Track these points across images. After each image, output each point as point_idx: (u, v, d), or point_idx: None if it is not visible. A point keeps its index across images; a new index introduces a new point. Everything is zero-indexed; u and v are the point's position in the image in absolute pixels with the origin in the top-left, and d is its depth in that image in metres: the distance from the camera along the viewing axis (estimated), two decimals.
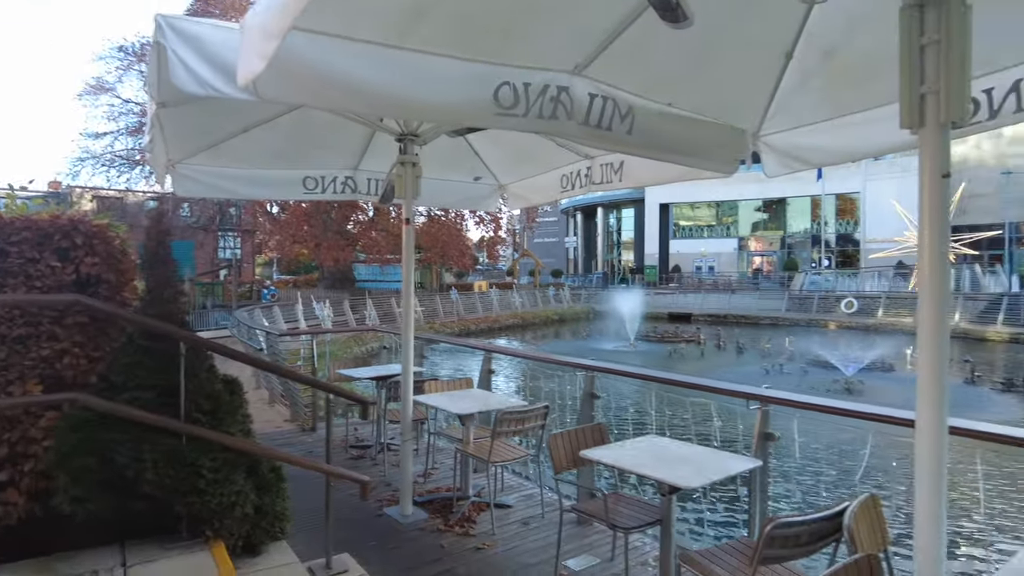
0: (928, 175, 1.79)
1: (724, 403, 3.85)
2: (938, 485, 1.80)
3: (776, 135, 3.43)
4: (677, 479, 2.76)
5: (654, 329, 27.72)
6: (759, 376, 16.31)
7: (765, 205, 49.23)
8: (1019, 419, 11.98)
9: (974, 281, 31.46)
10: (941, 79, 1.76)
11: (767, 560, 2.33)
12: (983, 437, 2.40)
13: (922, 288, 1.82)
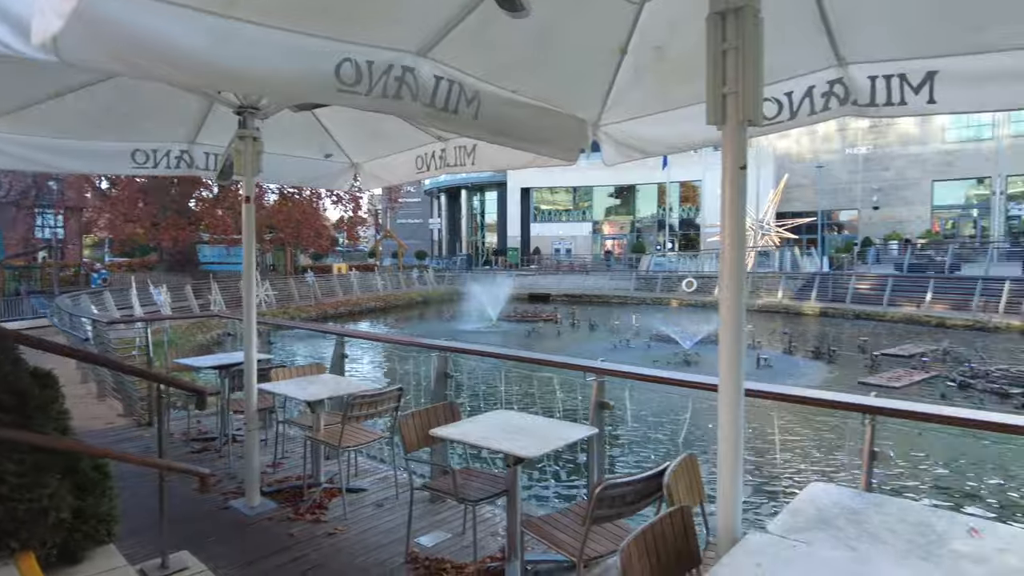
0: (729, 167, 2.01)
1: (566, 376, 4.08)
2: (737, 439, 2.05)
3: (614, 125, 3.64)
4: (520, 450, 2.90)
5: (515, 309, 28.46)
6: (608, 351, 17.34)
7: (617, 191, 51.99)
8: (822, 382, 13.76)
9: (793, 262, 35.38)
10: (739, 81, 1.98)
11: (598, 520, 2.53)
12: (773, 397, 2.77)
13: (723, 269, 2.04)
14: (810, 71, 2.89)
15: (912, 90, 2.63)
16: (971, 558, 1.92)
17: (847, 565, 1.86)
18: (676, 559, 2.06)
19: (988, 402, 11.70)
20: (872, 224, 43.65)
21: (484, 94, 2.92)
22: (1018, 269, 25.94)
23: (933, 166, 42.61)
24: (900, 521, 2.15)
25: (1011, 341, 19.42)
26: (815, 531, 2.09)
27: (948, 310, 23.49)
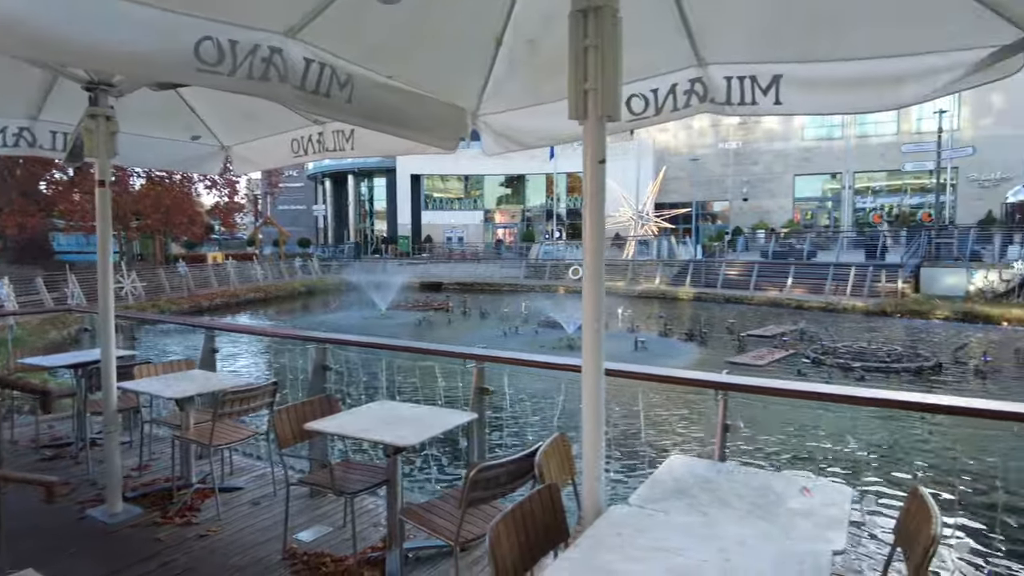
0: (589, 161, 2.11)
1: (447, 364, 4.12)
2: (598, 417, 2.17)
3: (493, 116, 3.68)
4: (398, 439, 2.90)
5: (406, 298, 28.13)
6: (498, 338, 17.60)
7: (508, 181, 52.58)
8: (695, 361, 14.73)
9: (670, 250, 37.40)
10: (599, 78, 2.07)
11: (474, 502, 2.59)
12: (634, 376, 2.95)
13: (585, 258, 2.14)
14: (674, 70, 3.05)
15: (761, 91, 2.84)
16: (802, 514, 2.16)
17: (698, 529, 2.03)
18: (545, 535, 2.16)
19: (835, 375, 13.02)
20: (742, 214, 46.94)
21: (357, 78, 2.86)
22: (862, 256, 28.89)
23: (795, 161, 46.39)
24: (746, 486, 2.37)
25: (855, 321, 21.66)
26: (672, 500, 2.26)
27: (806, 293, 25.78)
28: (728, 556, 1.82)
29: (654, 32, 2.92)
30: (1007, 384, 12.78)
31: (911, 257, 26.20)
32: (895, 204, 44.20)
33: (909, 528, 2.19)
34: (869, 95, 2.72)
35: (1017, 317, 19.54)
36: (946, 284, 23.23)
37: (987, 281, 22.16)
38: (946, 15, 2.35)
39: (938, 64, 2.48)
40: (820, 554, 1.84)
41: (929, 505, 2.07)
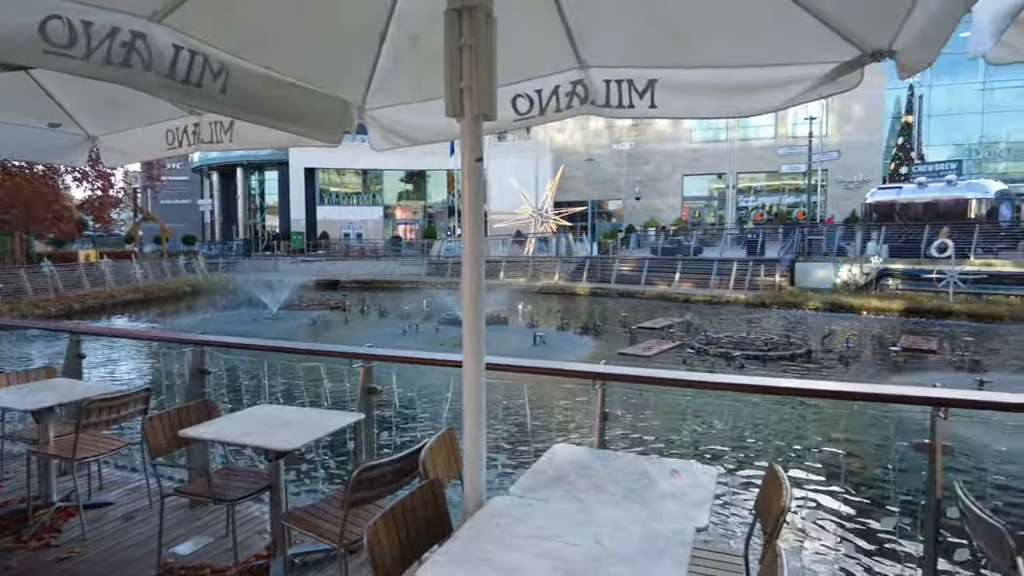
0: (466, 159, 2.13)
1: (333, 365, 4.03)
2: (479, 410, 2.20)
3: (379, 110, 3.61)
4: (280, 443, 2.81)
5: (300, 297, 27.13)
6: (397, 336, 17.37)
7: (408, 176, 51.90)
8: (590, 354, 15.21)
9: (568, 247, 38.34)
10: (474, 77, 2.10)
11: (358, 503, 2.55)
12: (515, 369, 3.02)
13: (464, 254, 2.17)
14: (556, 72, 3.13)
15: (638, 95, 2.97)
16: (671, 495, 2.29)
17: (573, 515, 2.11)
18: (428, 530, 2.17)
19: (717, 364, 13.87)
20: (635, 212, 48.88)
21: (233, 68, 2.73)
22: (744, 252, 30.86)
23: (683, 162, 48.84)
24: (621, 471, 2.48)
25: (737, 312, 23.12)
26: (551, 488, 2.33)
27: (692, 287, 27.22)
28: (600, 539, 1.91)
29: (537, 35, 2.98)
30: (865, 367, 14.13)
31: (787, 253, 28.24)
32: (774, 203, 47.57)
33: (765, 501, 2.38)
34: (733, 101, 2.91)
35: (875, 307, 21.58)
36: (817, 277, 25.26)
37: (850, 274, 24.31)
38: (798, 32, 2.55)
39: (792, 75, 2.69)
40: (684, 532, 1.96)
41: (782, 479, 2.26)
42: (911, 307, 20.91)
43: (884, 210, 30.13)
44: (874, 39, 2.33)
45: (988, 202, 27.49)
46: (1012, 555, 1.93)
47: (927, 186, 29.74)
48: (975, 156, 46.49)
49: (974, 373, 11.98)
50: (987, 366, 13.08)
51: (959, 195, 27.86)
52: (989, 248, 24.10)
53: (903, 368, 13.73)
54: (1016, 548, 1.90)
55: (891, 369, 13.77)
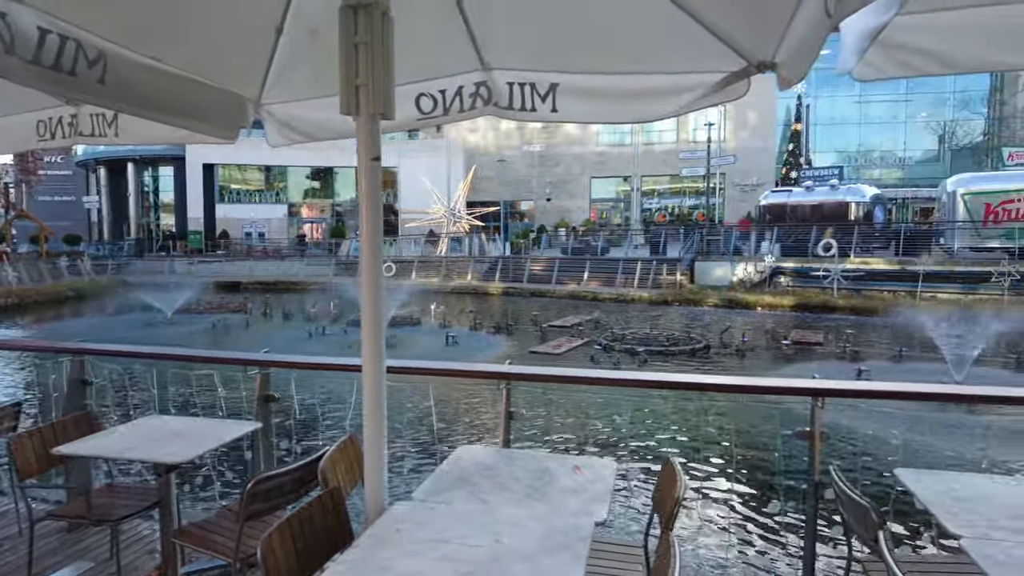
0: (363, 158, 2.09)
1: (229, 372, 3.84)
2: (380, 415, 2.16)
3: (277, 105, 3.48)
4: (169, 456, 2.65)
5: (197, 300, 25.67)
6: (303, 340, 16.79)
7: (315, 173, 50.29)
8: (502, 353, 15.32)
9: (481, 247, 38.43)
10: (371, 75, 2.06)
11: (255, 515, 2.45)
12: (417, 372, 3.00)
13: (362, 255, 2.12)
14: (459, 72, 3.12)
15: (540, 98, 3.01)
16: (572, 491, 2.33)
17: (477, 516, 2.11)
18: (327, 540, 2.11)
19: (623, 360, 14.31)
20: (546, 213, 49.66)
21: (112, 57, 2.54)
22: (648, 252, 32.04)
23: (591, 164, 50.09)
24: (524, 469, 2.51)
25: (642, 310, 23.97)
26: (455, 490, 2.32)
27: (600, 286, 27.97)
28: (500, 539, 1.92)
29: (440, 35, 2.96)
30: (759, 360, 15.01)
31: (687, 252, 29.55)
32: (676, 205, 49.70)
33: (661, 493, 2.48)
34: (631, 107, 3.00)
35: (768, 303, 22.98)
36: (715, 276, 26.58)
37: (746, 273, 25.76)
38: (691, 42, 2.66)
39: (685, 83, 2.81)
40: (582, 526, 2.00)
41: (677, 471, 2.35)
42: (800, 303, 22.43)
43: (776, 212, 32.13)
44: (759, 51, 2.46)
45: (865, 205, 29.89)
46: (875, 529, 2.11)
47: (814, 190, 31.97)
48: (854, 163, 50.47)
49: (855, 363, 13.00)
50: (865, 356, 14.22)
51: (841, 199, 30.13)
52: (867, 248, 26.22)
53: (793, 360, 14.69)
54: (879, 523, 2.07)
55: (783, 361, 14.70)
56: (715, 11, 2.44)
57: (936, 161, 49.70)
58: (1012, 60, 2.45)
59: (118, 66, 2.59)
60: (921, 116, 50.33)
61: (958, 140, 47.96)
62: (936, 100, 49.49)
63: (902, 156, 51.50)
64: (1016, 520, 2.12)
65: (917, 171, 49.87)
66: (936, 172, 46.18)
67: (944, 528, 2.09)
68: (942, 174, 41.81)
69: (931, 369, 12.82)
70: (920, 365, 13.43)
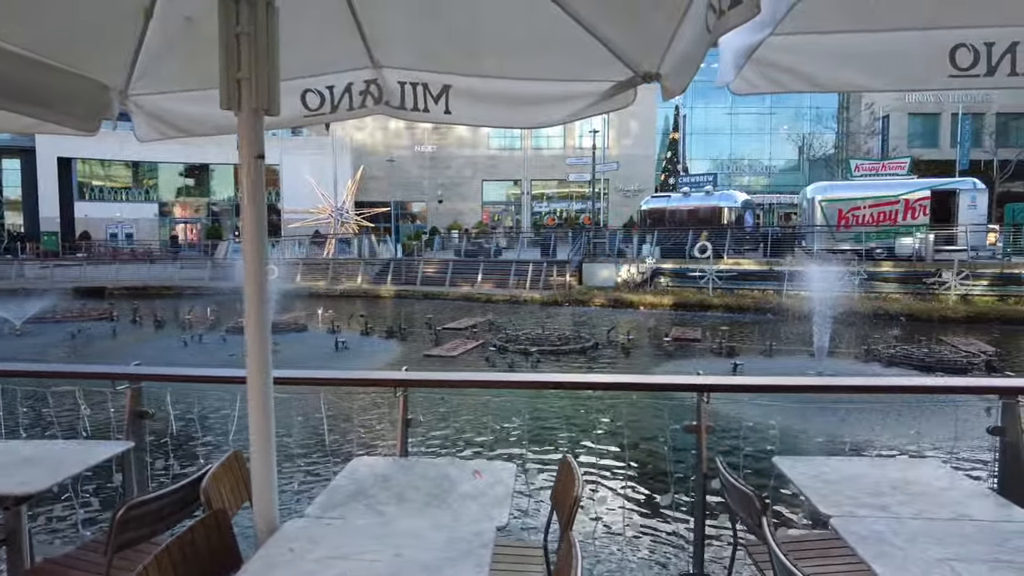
0: (246, 155, 1.96)
1: (93, 387, 3.48)
2: (268, 429, 2.03)
3: (146, 97, 3.21)
4: (20, 486, 2.36)
5: (54, 308, 23.24)
6: (178, 349, 15.65)
7: (188, 170, 47.08)
8: (396, 357, 15.05)
9: (371, 249, 37.56)
10: (253, 68, 1.93)
11: (127, 544, 2.23)
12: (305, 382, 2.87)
13: (246, 260, 1.99)
14: (348, 69, 3.01)
15: (433, 99, 2.97)
16: (471, 496, 2.31)
17: (375, 529, 2.04)
18: (212, 566, 1.96)
19: (517, 360, 14.49)
20: (439, 215, 49.39)
21: None
22: (539, 254, 32.67)
23: (483, 168, 50.41)
24: (423, 478, 2.46)
25: (534, 311, 24.42)
26: (351, 504, 2.23)
27: (493, 288, 28.19)
28: (400, 551, 1.87)
29: (328, 30, 2.85)
30: (643, 356, 15.73)
31: (576, 254, 30.43)
32: (564, 209, 51.10)
33: (560, 492, 2.51)
34: (523, 112, 3.04)
35: (650, 302, 24.14)
36: (601, 276, 27.54)
37: (629, 274, 26.89)
38: (581, 52, 2.72)
39: (575, 91, 2.88)
40: (484, 532, 1.99)
41: (574, 471, 2.39)
42: (679, 302, 23.73)
43: (656, 216, 33.83)
44: (645, 62, 2.56)
45: (736, 210, 32.14)
46: (758, 515, 2.25)
47: (690, 195, 33.97)
48: (726, 170, 54.16)
49: (731, 358, 13.90)
50: (740, 351, 15.26)
51: (715, 204, 32.21)
52: (738, 250, 28.19)
53: (674, 356, 15.50)
54: (761, 509, 2.21)
55: (664, 357, 15.47)
56: (604, 22, 2.50)
57: (796, 170, 54.40)
58: (868, 82, 2.71)
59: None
60: (783, 128, 54.90)
61: (815, 151, 52.73)
62: (796, 114, 54.20)
63: (767, 164, 55.95)
64: (876, 497, 2.34)
65: (780, 179, 54.39)
66: (797, 180, 50.55)
67: (815, 509, 2.26)
68: (802, 182, 45.83)
69: (798, 361, 13.99)
70: (789, 358, 14.59)
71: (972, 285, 21.31)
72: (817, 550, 2.51)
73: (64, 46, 2.77)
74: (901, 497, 2.33)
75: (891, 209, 25.78)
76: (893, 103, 42.54)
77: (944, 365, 13.34)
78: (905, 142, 42.52)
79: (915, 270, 22.67)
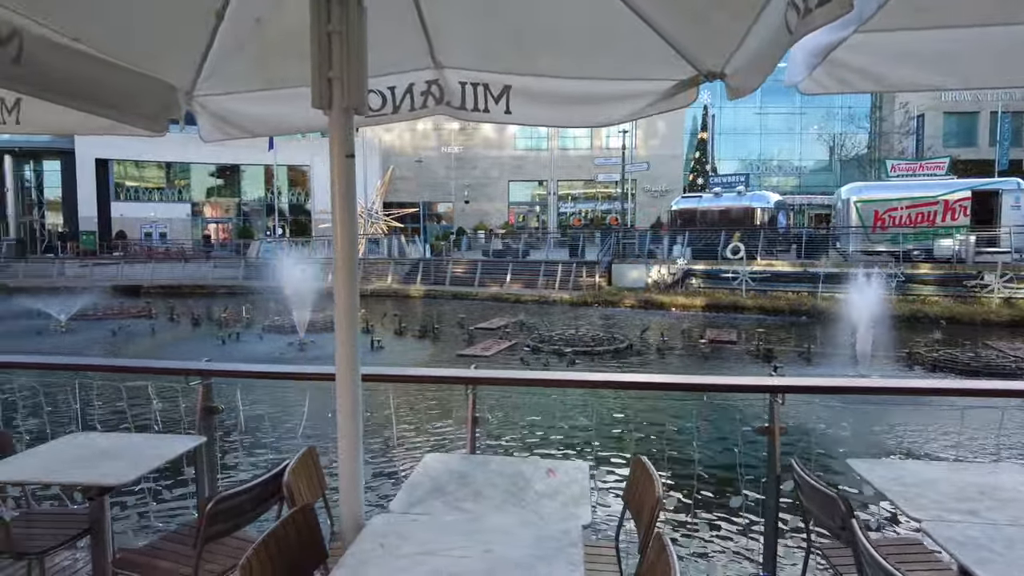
0: (337, 155, 1.98)
1: (164, 383, 3.56)
2: (356, 427, 2.05)
3: (211, 97, 3.25)
4: (103, 478, 2.42)
5: (94, 305, 23.82)
6: (215, 347, 15.93)
7: (220, 171, 47.90)
8: (431, 356, 15.14)
9: (400, 249, 37.83)
10: (345, 67, 1.95)
11: (214, 537, 2.27)
12: (390, 379, 2.90)
13: (337, 257, 2.01)
14: (411, 69, 3.02)
15: (493, 99, 2.96)
16: (549, 495, 2.31)
17: (460, 525, 2.05)
18: (302, 559, 1.98)
19: (551, 360, 14.46)
20: (465, 215, 49.57)
21: (29, 34, 2.28)
22: (566, 254, 32.60)
23: (509, 168, 50.48)
24: (498, 475, 2.46)
25: (564, 311, 24.36)
26: (432, 500, 2.24)
27: (522, 288, 28.20)
28: (490, 547, 1.87)
29: (393, 29, 2.86)
30: (678, 358, 15.57)
31: (605, 255, 30.30)
32: (590, 209, 50.90)
33: (634, 492, 2.49)
34: (583, 111, 3.01)
35: (681, 303, 23.93)
36: (631, 277, 27.38)
37: (660, 274, 26.70)
38: (643, 49, 2.70)
39: (636, 90, 2.85)
40: (571, 530, 1.98)
41: (650, 471, 2.37)
42: (712, 303, 23.48)
43: (687, 216, 33.49)
44: (709, 61, 2.52)
45: (769, 211, 31.70)
46: (843, 517, 2.20)
47: (722, 196, 33.58)
48: (755, 170, 53.45)
49: (768, 361, 13.68)
50: (777, 354, 15.03)
51: (747, 204, 31.81)
52: (771, 251, 27.80)
53: (710, 358, 15.29)
54: (848, 511, 2.17)
55: (700, 359, 15.28)
56: (670, 20, 2.47)
57: (827, 170, 53.48)
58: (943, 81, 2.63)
59: (36, 46, 2.34)
60: (813, 128, 54.00)
61: (847, 151, 51.77)
62: (827, 114, 53.26)
63: (797, 165, 55.07)
64: (963, 502, 2.28)
65: (811, 179, 53.47)
66: (827, 180, 49.70)
67: (904, 513, 2.21)
68: (833, 182, 45.02)
69: (839, 365, 13.69)
70: (828, 361, 14.30)
71: (1016, 288, 20.72)
72: (899, 554, 2.45)
73: (139, 48, 2.82)
74: (989, 503, 2.27)
75: (930, 210, 25.21)
76: (928, 102, 41.63)
77: (992, 370, 12.98)
78: (940, 141, 41.56)
79: (955, 272, 22.12)
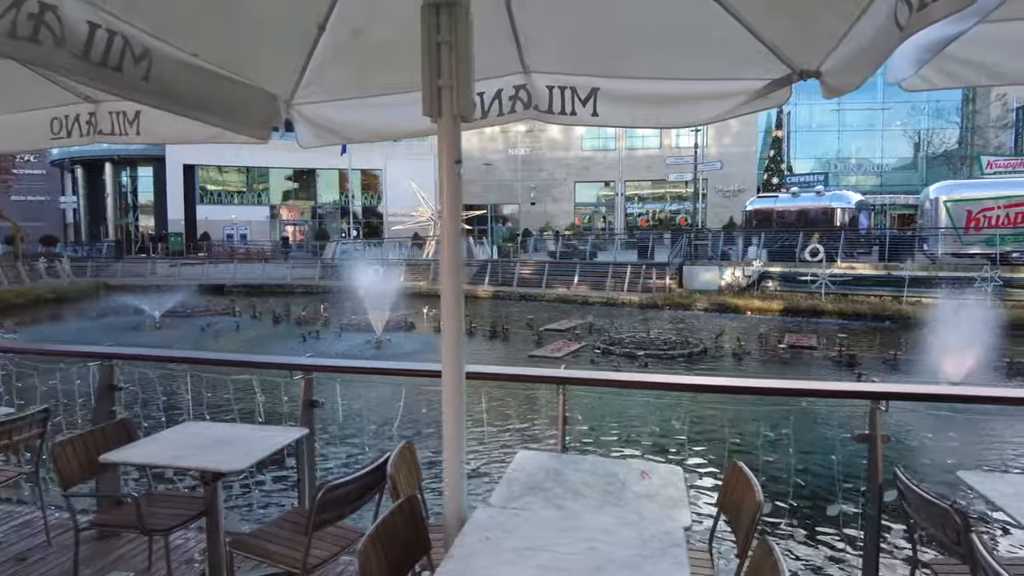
0: (445, 161, 2.05)
1: (266, 376, 3.76)
2: (460, 423, 2.12)
3: (309, 105, 3.41)
4: (218, 464, 2.58)
5: (183, 304, 25.27)
6: (297, 344, 16.61)
7: (296, 175, 49.84)
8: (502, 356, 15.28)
9: (468, 250, 38.33)
10: (454, 76, 2.02)
11: (321, 524, 2.39)
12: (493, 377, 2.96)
13: (443, 259, 2.08)
14: (500, 75, 3.08)
15: (580, 102, 2.98)
16: (646, 496, 2.31)
17: (560, 522, 2.08)
18: (407, 549, 2.07)
19: (622, 363, 14.34)
20: (531, 217, 49.73)
21: (157, 53, 2.47)
22: (635, 256, 32.21)
23: (575, 169, 50.31)
24: (592, 475, 2.48)
25: (633, 313, 24.08)
26: (529, 496, 2.29)
27: (590, 290, 28.07)
28: (594, 545, 1.89)
29: (484, 36, 2.92)
30: (756, 363, 15.10)
31: (675, 257, 29.76)
32: (658, 210, 50.08)
33: (731, 498, 2.46)
34: (671, 112, 2.99)
35: (757, 307, 23.22)
36: (703, 279, 26.77)
37: (734, 277, 25.99)
38: (735, 49, 2.66)
39: (727, 89, 2.80)
40: (673, 532, 1.98)
41: (749, 477, 2.34)
42: (789, 307, 22.66)
43: (762, 217, 32.46)
44: (804, 59, 2.46)
45: (850, 211, 30.34)
46: (957, 531, 2.11)
47: (799, 196, 32.38)
48: (833, 169, 51.22)
49: (851, 368, 13.09)
50: (861, 359, 14.36)
51: (826, 204, 30.54)
52: (851, 253, 26.59)
53: (790, 363, 14.74)
54: (964, 525, 2.08)
55: (779, 365, 14.75)
56: (764, 18, 2.42)
57: (911, 168, 50.63)
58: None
59: (162, 63, 2.52)
60: (896, 124, 51.24)
61: (934, 148, 48.89)
62: (912, 109, 50.38)
63: (879, 163, 52.36)
64: None
65: (893, 177, 50.72)
66: (911, 179, 47.06)
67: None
68: (917, 181, 42.60)
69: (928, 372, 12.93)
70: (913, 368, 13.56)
71: None
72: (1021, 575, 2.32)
73: (248, 60, 3.00)
74: None
75: None
76: None
77: None
78: None
79: None
